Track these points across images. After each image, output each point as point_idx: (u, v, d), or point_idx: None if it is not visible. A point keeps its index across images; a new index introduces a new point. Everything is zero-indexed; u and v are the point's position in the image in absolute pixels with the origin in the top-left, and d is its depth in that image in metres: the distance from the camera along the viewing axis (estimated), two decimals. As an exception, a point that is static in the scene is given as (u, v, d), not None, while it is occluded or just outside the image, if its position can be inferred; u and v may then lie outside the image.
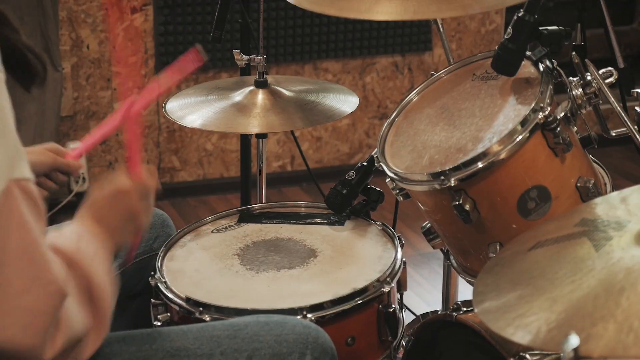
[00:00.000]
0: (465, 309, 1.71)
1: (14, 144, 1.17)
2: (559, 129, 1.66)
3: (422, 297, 3.06)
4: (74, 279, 1.27)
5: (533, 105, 1.67)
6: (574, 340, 1.03)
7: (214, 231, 2.01)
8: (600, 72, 1.74)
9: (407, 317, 1.94)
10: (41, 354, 1.18)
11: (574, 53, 1.74)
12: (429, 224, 1.92)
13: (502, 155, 1.65)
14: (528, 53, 1.76)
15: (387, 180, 1.82)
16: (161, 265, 1.85)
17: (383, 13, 1.81)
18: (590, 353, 1.04)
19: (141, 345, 1.46)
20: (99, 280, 1.32)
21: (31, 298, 1.16)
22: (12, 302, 1.15)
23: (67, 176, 1.80)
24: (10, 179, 1.14)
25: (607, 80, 1.73)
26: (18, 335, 1.16)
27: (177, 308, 1.74)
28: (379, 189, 2.05)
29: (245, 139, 2.64)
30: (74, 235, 1.36)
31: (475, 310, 1.24)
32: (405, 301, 1.96)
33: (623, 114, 1.74)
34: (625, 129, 1.76)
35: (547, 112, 1.66)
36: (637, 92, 1.78)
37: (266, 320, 1.52)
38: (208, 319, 1.68)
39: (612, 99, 1.73)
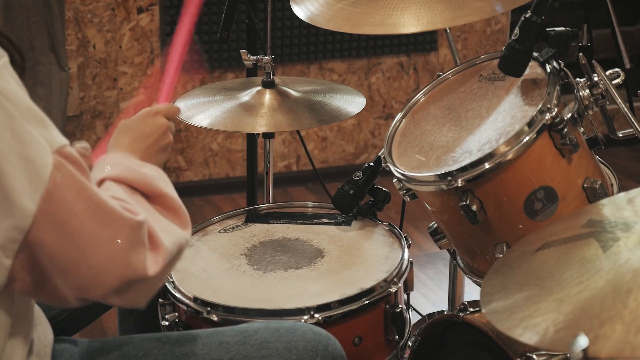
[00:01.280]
0: (471, 309, 1.72)
1: (41, 118, 1.21)
2: (566, 129, 1.66)
3: (428, 298, 3.07)
4: (132, 193, 1.35)
5: (540, 106, 1.67)
6: (583, 341, 1.03)
7: (221, 231, 2.01)
8: (607, 72, 1.74)
9: (412, 318, 1.95)
10: (146, 272, 1.26)
11: (581, 54, 1.74)
12: (435, 225, 1.92)
13: (509, 156, 1.66)
14: (535, 54, 1.76)
15: (394, 180, 1.82)
16: (169, 265, 1.85)
17: (397, 26, 1.83)
18: (597, 354, 1.04)
19: (149, 350, 1.46)
20: (158, 185, 1.38)
21: (117, 236, 1.23)
22: (106, 251, 1.23)
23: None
24: (53, 152, 1.20)
25: (614, 81, 1.74)
26: (121, 271, 1.24)
27: (184, 308, 1.74)
28: (385, 189, 2.05)
29: (251, 138, 2.64)
30: (112, 162, 1.42)
31: (483, 311, 1.24)
32: (410, 301, 1.96)
33: (630, 115, 1.75)
34: (632, 129, 1.76)
35: (554, 113, 1.66)
36: (644, 93, 1.79)
37: (276, 327, 1.51)
38: (215, 318, 1.68)
39: (619, 100, 1.73)
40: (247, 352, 1.47)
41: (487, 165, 1.66)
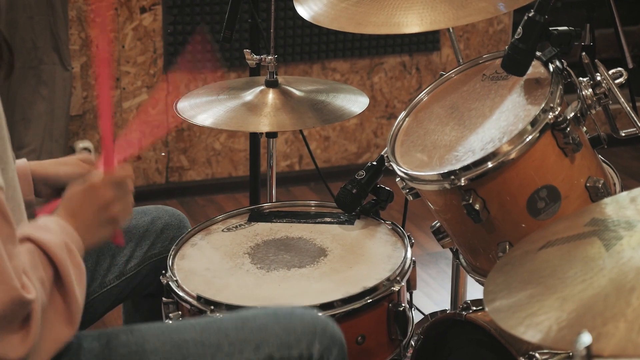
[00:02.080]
0: (474, 308, 1.72)
1: None
2: (568, 129, 1.67)
3: (430, 297, 3.07)
4: (44, 269, 1.32)
5: (543, 105, 1.67)
6: (586, 339, 1.03)
7: (225, 230, 2.02)
8: (610, 72, 1.74)
9: (415, 317, 1.95)
10: (7, 354, 1.25)
11: (584, 53, 1.74)
12: (438, 224, 1.92)
13: (512, 155, 1.66)
14: (538, 53, 1.77)
15: (397, 179, 1.83)
16: (172, 263, 1.86)
17: (400, 26, 1.83)
18: (601, 352, 1.04)
19: (149, 337, 1.47)
20: (69, 273, 1.35)
21: None
22: None
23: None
24: None
25: (617, 81, 1.74)
26: None
27: (188, 306, 1.75)
28: (388, 189, 2.05)
29: (254, 138, 2.65)
30: (51, 225, 1.39)
31: (486, 309, 1.24)
32: (413, 300, 1.96)
33: (633, 114, 1.75)
34: (634, 129, 1.77)
35: (557, 112, 1.67)
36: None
37: (274, 311, 1.52)
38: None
39: (622, 99, 1.73)
40: (246, 336, 1.47)
41: (490, 164, 1.66)
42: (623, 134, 1.81)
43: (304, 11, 1.99)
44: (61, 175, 1.75)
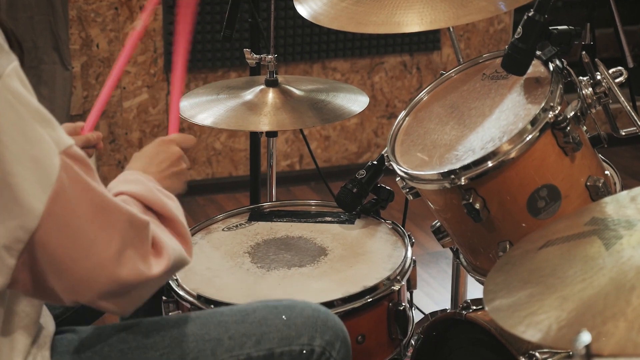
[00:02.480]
0: (474, 308, 1.72)
1: (49, 119, 1.23)
2: (568, 128, 1.67)
3: (431, 296, 3.07)
4: (151, 215, 1.37)
5: (543, 104, 1.67)
6: (585, 338, 1.03)
7: (225, 229, 2.02)
8: (610, 71, 1.74)
9: (415, 316, 1.95)
10: (148, 272, 1.28)
11: (584, 53, 1.74)
12: (438, 223, 1.92)
13: (512, 155, 1.66)
14: (538, 52, 1.77)
15: (397, 179, 1.83)
16: (172, 263, 1.86)
17: (400, 25, 1.83)
18: (600, 351, 1.04)
19: (148, 332, 1.47)
20: (169, 208, 1.40)
21: (118, 236, 1.25)
22: (104, 253, 1.24)
23: (93, 149, 1.82)
24: (60, 152, 1.22)
25: (617, 80, 1.74)
26: (126, 272, 1.25)
27: (188, 305, 1.75)
28: (389, 188, 2.06)
29: (255, 137, 2.65)
30: (131, 178, 1.45)
31: (486, 308, 1.24)
32: (413, 300, 1.96)
33: (633, 113, 1.75)
34: (635, 128, 1.76)
35: (557, 112, 1.66)
36: (647, 92, 1.79)
37: (275, 305, 1.52)
38: (219, 316, 1.69)
39: (622, 98, 1.73)
40: (246, 330, 1.47)
41: (490, 164, 1.66)
42: (623, 133, 1.81)
43: (304, 10, 1.99)
44: None
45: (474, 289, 2.26)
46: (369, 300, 1.74)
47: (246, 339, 1.46)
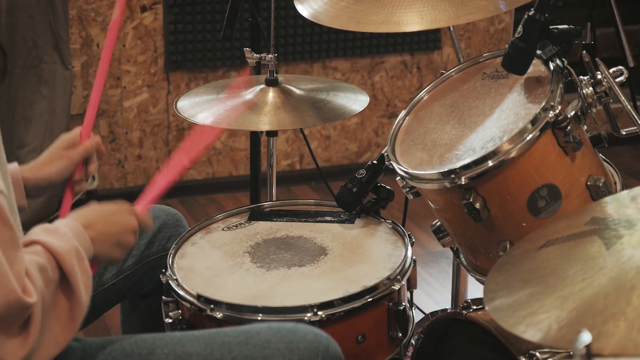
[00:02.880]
0: (474, 307, 1.72)
1: None
2: (569, 127, 1.66)
3: (431, 296, 3.07)
4: (51, 271, 1.32)
5: (543, 104, 1.67)
6: (586, 337, 1.03)
7: (225, 229, 2.02)
8: (611, 70, 1.74)
9: (416, 316, 1.95)
10: (6, 357, 1.25)
11: (584, 52, 1.74)
12: (438, 222, 1.92)
13: (513, 154, 1.66)
14: (538, 52, 1.76)
15: (398, 178, 1.83)
16: (172, 262, 1.86)
17: (401, 24, 1.83)
18: (601, 351, 1.04)
19: (153, 348, 1.47)
20: (77, 278, 1.35)
21: None
22: None
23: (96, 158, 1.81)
24: None
25: (618, 79, 1.73)
26: None
27: (188, 305, 1.75)
28: (389, 187, 2.05)
29: (255, 137, 2.65)
30: (63, 229, 1.40)
31: (486, 308, 1.24)
32: (414, 299, 1.96)
33: (633, 113, 1.74)
34: (635, 127, 1.76)
35: (557, 111, 1.66)
36: (648, 91, 1.79)
37: (278, 327, 1.52)
38: (219, 316, 1.69)
39: (623, 97, 1.73)
40: (249, 352, 1.47)
41: (490, 163, 1.66)
42: (624, 133, 1.80)
43: (304, 9, 1.99)
44: (52, 176, 1.72)
45: (474, 289, 2.26)
46: (369, 299, 1.73)
47: None
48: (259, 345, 1.48)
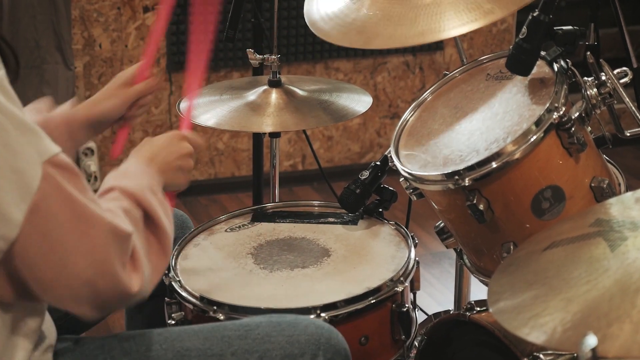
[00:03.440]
0: (478, 309, 1.72)
1: (33, 129, 1.24)
2: (573, 129, 1.66)
3: (434, 297, 3.06)
4: (133, 210, 1.37)
5: (547, 105, 1.67)
6: (592, 340, 1.03)
7: (228, 230, 2.01)
8: (615, 72, 1.74)
9: (419, 317, 1.94)
10: (125, 284, 1.28)
11: (588, 53, 1.74)
12: (442, 224, 1.92)
13: (517, 155, 1.65)
14: (542, 53, 1.76)
15: (401, 179, 1.82)
16: (175, 264, 1.86)
17: (407, 37, 1.81)
18: (606, 353, 1.04)
19: (151, 345, 1.46)
20: (156, 211, 1.40)
21: (98, 247, 1.25)
22: (83, 262, 1.24)
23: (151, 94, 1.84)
24: (42, 162, 1.22)
25: (622, 80, 1.73)
26: (103, 283, 1.26)
27: (191, 307, 1.74)
28: (392, 189, 2.05)
29: (257, 138, 2.64)
30: (132, 170, 1.46)
31: (490, 310, 1.24)
32: (417, 301, 1.96)
33: (638, 114, 1.74)
34: (639, 129, 1.76)
35: (561, 112, 1.66)
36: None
37: (278, 321, 1.51)
38: (222, 317, 1.68)
39: (627, 98, 1.72)
40: (249, 346, 1.47)
41: (494, 165, 1.66)
42: (628, 134, 1.80)
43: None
44: (106, 112, 1.77)
45: (477, 290, 2.26)
46: (372, 301, 1.73)
47: (249, 356, 1.46)
48: (259, 338, 1.48)
